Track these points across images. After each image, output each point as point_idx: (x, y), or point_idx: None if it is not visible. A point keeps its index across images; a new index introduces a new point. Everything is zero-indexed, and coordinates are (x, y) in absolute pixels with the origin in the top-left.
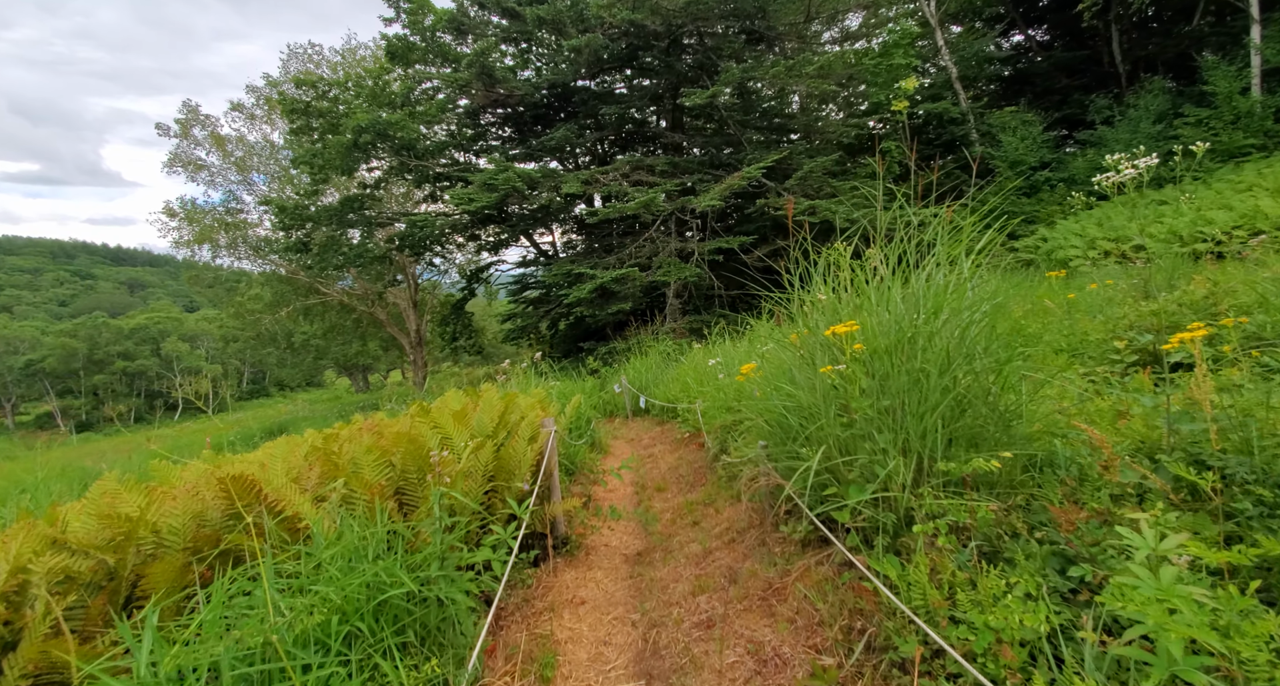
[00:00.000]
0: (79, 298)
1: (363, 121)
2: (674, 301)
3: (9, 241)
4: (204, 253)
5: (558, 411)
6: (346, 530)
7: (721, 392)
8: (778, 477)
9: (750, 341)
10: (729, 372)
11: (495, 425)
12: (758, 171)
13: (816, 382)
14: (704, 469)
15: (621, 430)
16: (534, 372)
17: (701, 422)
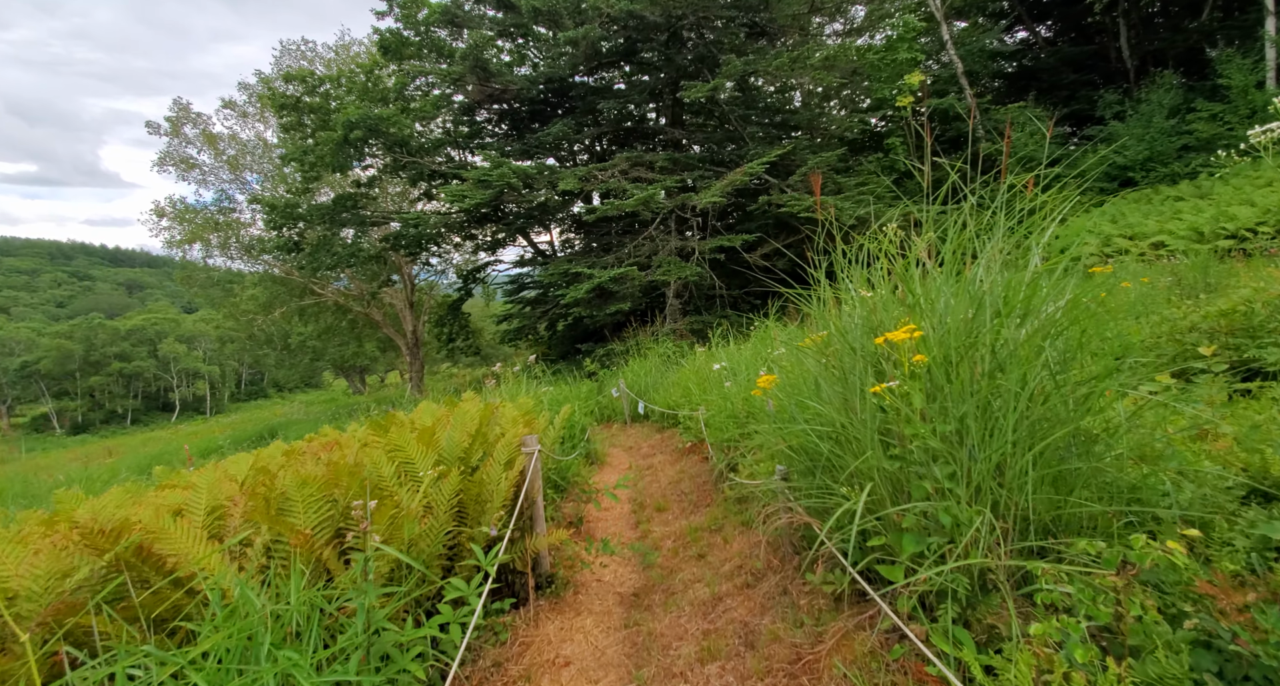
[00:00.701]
0: (77, 299)
1: (353, 116)
2: (674, 301)
3: (6, 242)
4: (195, 253)
5: (546, 423)
6: (244, 604)
7: (728, 402)
8: (803, 515)
9: (757, 344)
10: (736, 379)
11: (469, 445)
12: (760, 167)
13: (856, 402)
14: (708, 485)
15: (620, 437)
16: (526, 377)
17: (705, 432)
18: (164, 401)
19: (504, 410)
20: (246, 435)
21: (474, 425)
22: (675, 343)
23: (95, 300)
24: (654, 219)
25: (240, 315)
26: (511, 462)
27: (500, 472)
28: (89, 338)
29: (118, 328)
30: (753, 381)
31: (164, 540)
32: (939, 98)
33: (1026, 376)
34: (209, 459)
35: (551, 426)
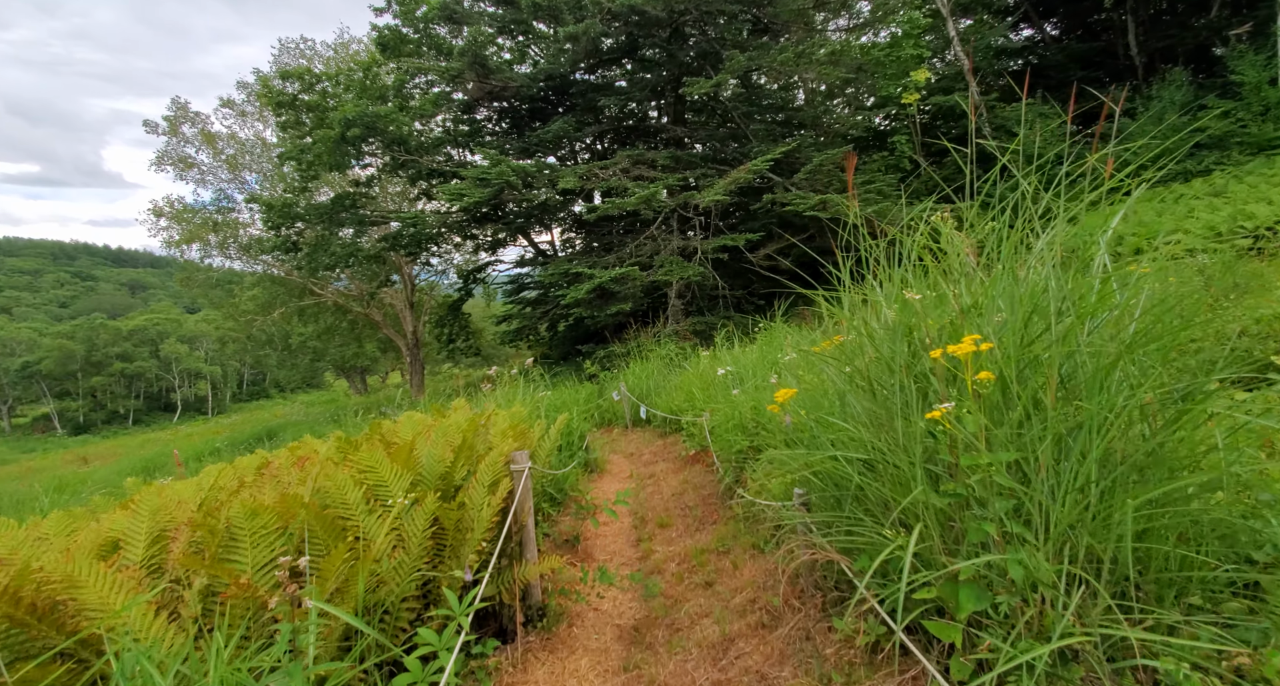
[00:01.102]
0: (80, 299)
1: (350, 114)
2: (676, 302)
3: (9, 243)
4: (193, 253)
5: (541, 433)
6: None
7: (735, 410)
8: (830, 552)
9: (764, 347)
10: (743, 385)
11: (452, 462)
12: (765, 164)
13: (896, 424)
14: (714, 499)
15: (620, 442)
16: (524, 381)
17: (709, 440)
18: (166, 402)
19: (496, 419)
20: (244, 437)
21: (459, 439)
22: (677, 344)
23: (98, 300)
24: (656, 218)
25: (240, 316)
26: (497, 485)
27: (483, 496)
28: (91, 338)
29: (120, 328)
30: (762, 388)
31: (78, 588)
32: (945, 95)
33: (1111, 395)
34: (204, 462)
35: (546, 437)
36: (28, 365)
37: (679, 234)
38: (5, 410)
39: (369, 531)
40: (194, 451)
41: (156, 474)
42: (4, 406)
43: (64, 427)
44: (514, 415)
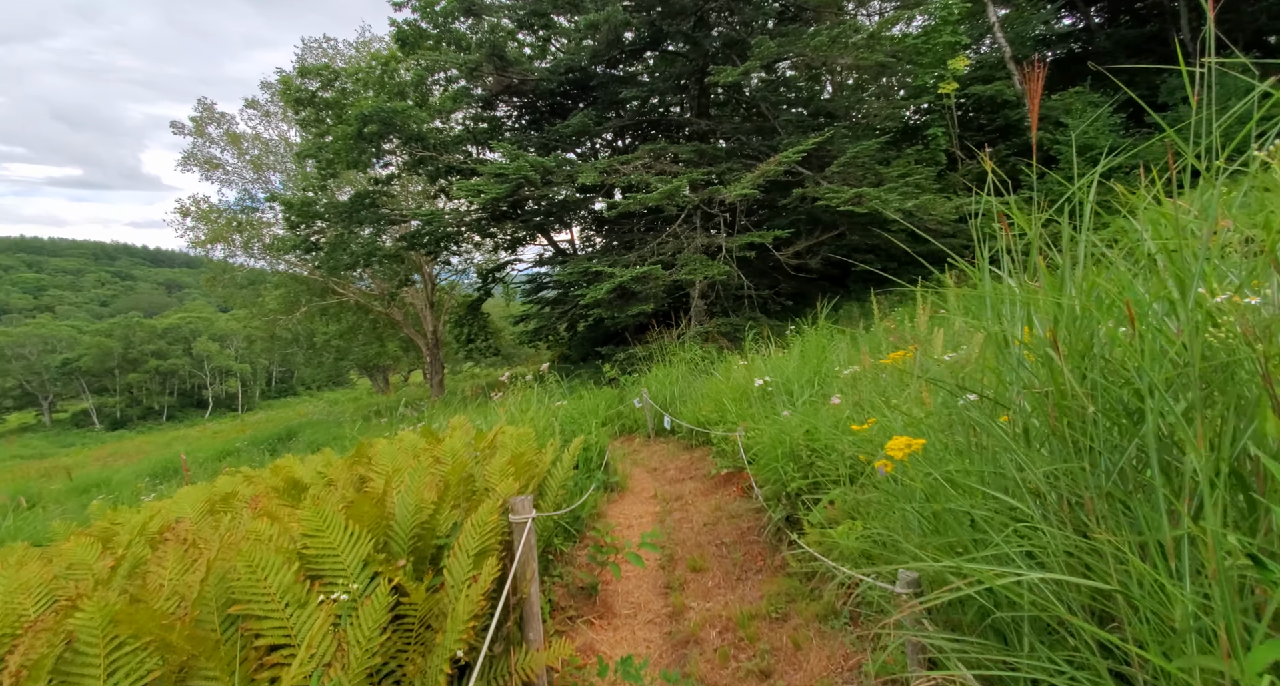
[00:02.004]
0: (119, 298)
1: (367, 109)
2: (699, 302)
3: (54, 244)
4: (218, 252)
5: (554, 457)
6: None
7: (784, 434)
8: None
9: (807, 354)
10: (790, 399)
11: (432, 513)
12: (796, 156)
13: (1160, 526)
14: (755, 536)
15: (642, 453)
16: (539, 388)
17: (744, 458)
18: (198, 398)
19: (502, 438)
20: (264, 436)
21: (441, 480)
22: (702, 347)
23: (136, 299)
24: (679, 215)
25: (264, 315)
26: (485, 553)
27: (468, 570)
28: (128, 336)
29: (155, 326)
30: (813, 403)
31: None
32: (985, 84)
33: None
34: (224, 462)
35: (559, 463)
36: (68, 362)
37: (702, 231)
38: (46, 405)
39: (296, 632)
40: (216, 451)
41: (169, 479)
42: (45, 402)
43: (102, 423)
44: (520, 438)
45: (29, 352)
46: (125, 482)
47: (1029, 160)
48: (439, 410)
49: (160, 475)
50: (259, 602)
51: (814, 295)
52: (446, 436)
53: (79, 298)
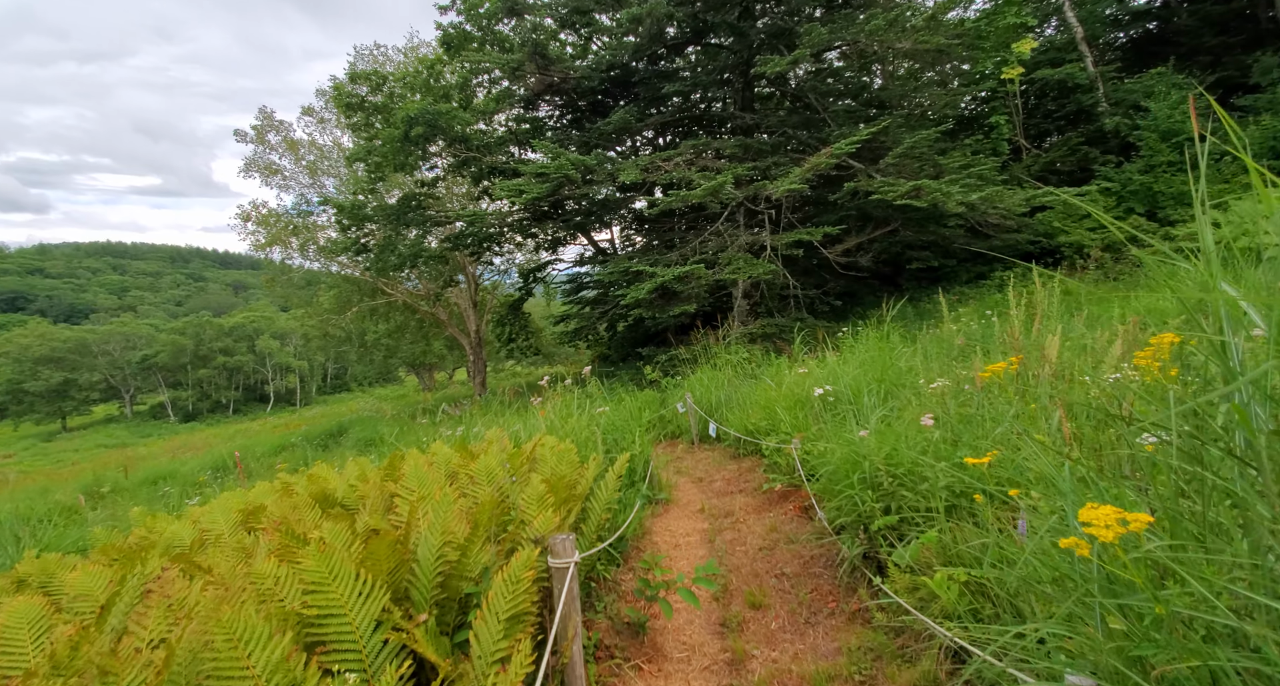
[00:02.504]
0: (192, 298)
1: (413, 112)
2: (742, 302)
3: (136, 248)
4: (275, 254)
5: (596, 473)
6: None
7: (861, 458)
8: None
9: (868, 360)
10: (854, 410)
11: (460, 554)
12: (850, 147)
13: None
14: (819, 566)
15: (686, 461)
16: (580, 393)
17: (801, 475)
18: (261, 393)
19: (541, 451)
20: (319, 432)
21: (474, 514)
22: (747, 348)
23: (207, 299)
24: (722, 212)
25: (319, 314)
26: (519, 619)
27: (495, 640)
28: (198, 333)
29: (222, 325)
30: (890, 423)
31: None
32: (1054, 67)
33: None
34: (278, 457)
35: (603, 485)
36: (146, 358)
37: (746, 229)
38: (128, 398)
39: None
40: (272, 446)
41: (228, 473)
42: (127, 395)
43: (175, 415)
44: (560, 455)
45: (113, 349)
46: (189, 475)
47: (1103, 148)
48: (479, 413)
49: (221, 468)
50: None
51: (864, 295)
52: (481, 452)
53: (157, 298)
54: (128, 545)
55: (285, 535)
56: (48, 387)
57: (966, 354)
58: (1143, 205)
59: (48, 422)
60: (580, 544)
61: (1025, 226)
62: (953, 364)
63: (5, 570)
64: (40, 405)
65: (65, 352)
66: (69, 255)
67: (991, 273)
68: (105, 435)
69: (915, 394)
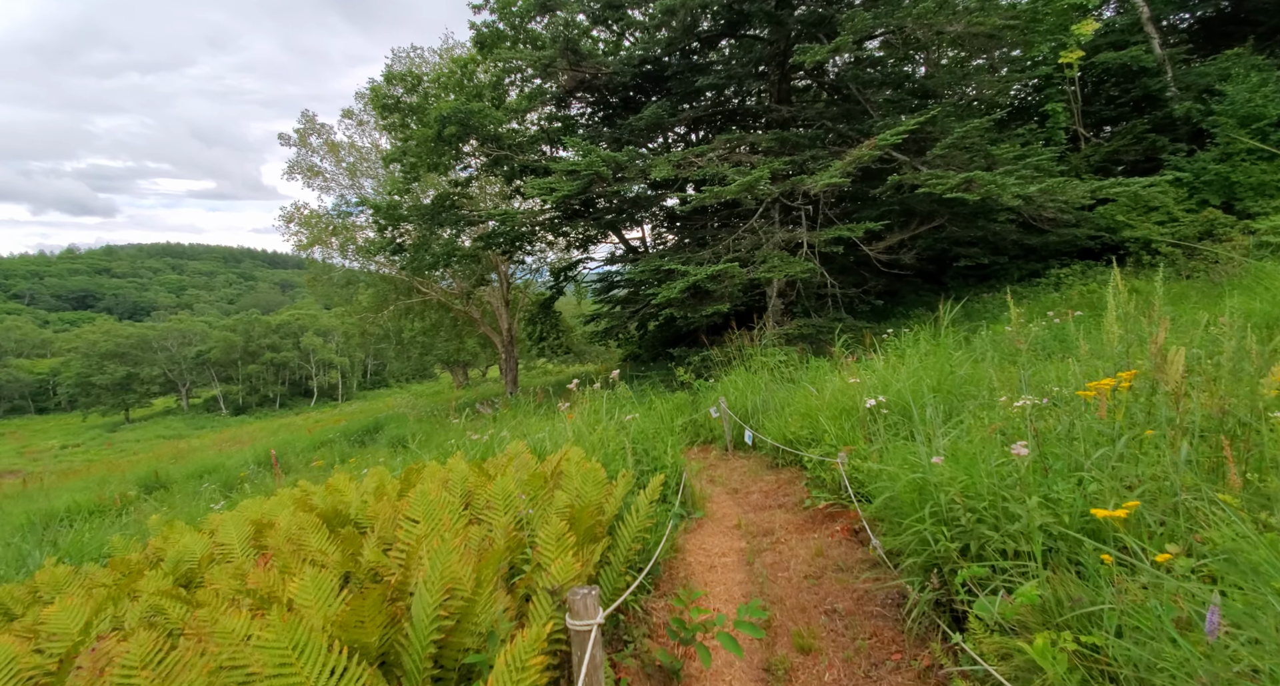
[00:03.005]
0: (243, 296)
1: (445, 111)
2: (777, 302)
3: (192, 248)
4: (316, 254)
5: (626, 490)
6: None
7: (933, 488)
8: None
9: (925, 367)
10: (912, 421)
11: (466, 606)
12: (896, 137)
13: None
14: (876, 605)
15: (720, 469)
16: (609, 396)
17: (849, 493)
18: (305, 388)
19: (566, 465)
20: (356, 428)
21: (478, 569)
22: (783, 350)
23: (256, 298)
24: (756, 208)
25: (358, 313)
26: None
27: None
28: (248, 330)
29: (269, 322)
30: (966, 446)
31: None
32: (1116, 51)
33: None
34: (317, 452)
35: (634, 511)
36: (200, 353)
37: (782, 226)
38: (184, 392)
39: None
40: (312, 441)
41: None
42: (183, 389)
43: (227, 409)
44: (586, 475)
45: (171, 345)
46: (234, 468)
47: (1171, 136)
48: (508, 414)
49: (262, 463)
50: None
51: (906, 294)
52: (499, 471)
53: (212, 296)
54: (137, 561)
55: (316, 530)
56: (112, 381)
57: (1033, 359)
58: (1218, 196)
59: (112, 414)
60: (606, 577)
61: (1085, 221)
62: (1017, 371)
63: (28, 576)
64: (106, 397)
65: (128, 348)
66: (132, 256)
67: (1046, 270)
68: (163, 427)
69: (984, 408)
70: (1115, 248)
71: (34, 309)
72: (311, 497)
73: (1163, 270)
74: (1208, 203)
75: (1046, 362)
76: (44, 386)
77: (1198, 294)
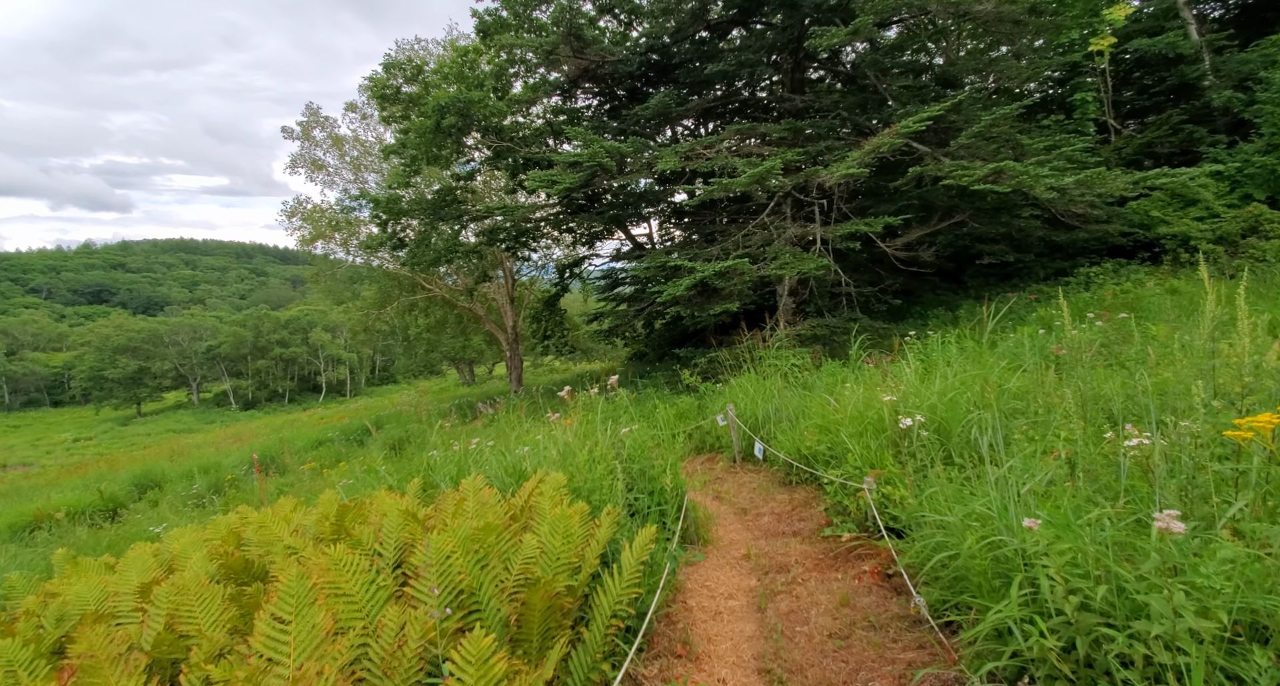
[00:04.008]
0: (255, 291)
1: (444, 100)
2: (788, 301)
3: (205, 244)
4: (318, 249)
5: (612, 530)
6: None
7: (1027, 563)
8: None
9: (966, 378)
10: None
11: None
12: (920, 124)
13: None
14: (924, 682)
15: (727, 484)
16: (606, 404)
17: (879, 522)
18: (314, 383)
19: (539, 497)
20: (357, 427)
21: None
22: (795, 353)
23: (267, 293)
24: (768, 203)
25: (362, 309)
26: None
27: None
28: (257, 325)
29: (279, 318)
30: (1058, 500)
31: None
32: (1151, 37)
33: None
34: (315, 451)
35: (616, 574)
36: (211, 348)
37: (793, 220)
38: (195, 386)
39: None
40: (311, 440)
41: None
42: (194, 383)
43: (236, 403)
44: (556, 524)
45: (182, 339)
46: (229, 468)
47: (1210, 127)
48: (498, 421)
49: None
50: None
51: (923, 293)
52: (451, 512)
53: (224, 291)
54: (14, 615)
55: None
56: (124, 375)
57: (1084, 368)
58: (1263, 191)
59: (124, 408)
60: (577, 663)
61: (1116, 216)
62: (1074, 384)
63: None
64: (118, 391)
65: (140, 342)
66: (147, 251)
67: (1074, 269)
68: (174, 421)
69: (1036, 426)
70: (1149, 245)
71: (51, 303)
72: (245, 529)
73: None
74: (1251, 197)
75: (1103, 374)
76: (59, 380)
77: (1254, 295)
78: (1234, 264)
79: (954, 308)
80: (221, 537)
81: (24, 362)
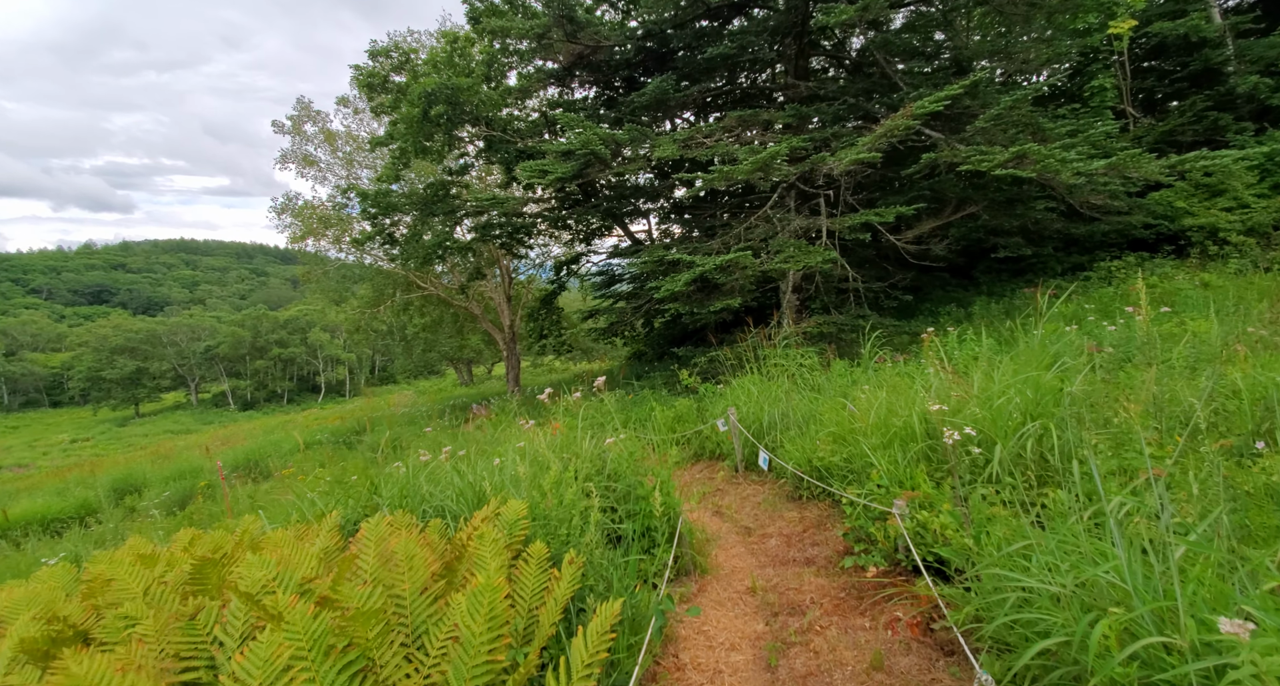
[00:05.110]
0: (255, 292)
1: (430, 86)
2: (791, 297)
3: (206, 244)
4: (310, 246)
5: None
6: None
7: (1131, 635)
8: None
9: (1005, 384)
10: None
11: None
12: (936, 104)
13: None
14: None
15: (728, 497)
16: (594, 406)
17: (916, 556)
18: (313, 384)
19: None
20: (348, 428)
21: None
22: (802, 351)
23: (267, 294)
24: (771, 194)
25: (355, 308)
26: None
27: None
28: (256, 325)
29: (277, 318)
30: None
31: None
32: (1172, 20)
33: None
34: (304, 453)
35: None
36: (209, 348)
37: (798, 212)
38: (194, 386)
39: None
40: (301, 441)
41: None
42: (192, 383)
43: (235, 404)
44: (488, 604)
45: (180, 340)
46: (210, 472)
47: (1235, 114)
48: (491, 424)
49: (242, 466)
50: None
51: (931, 289)
52: (362, 582)
53: (224, 291)
54: None
55: None
56: (122, 375)
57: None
58: None
59: (123, 408)
60: None
61: (1137, 207)
62: (1145, 389)
63: None
64: (116, 391)
65: (138, 343)
66: (147, 251)
67: (1093, 263)
68: (172, 421)
69: (1117, 445)
70: (1173, 237)
71: (51, 303)
72: (143, 557)
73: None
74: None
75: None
76: (57, 380)
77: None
78: (1268, 257)
79: (966, 304)
80: (58, 593)
81: (23, 363)
